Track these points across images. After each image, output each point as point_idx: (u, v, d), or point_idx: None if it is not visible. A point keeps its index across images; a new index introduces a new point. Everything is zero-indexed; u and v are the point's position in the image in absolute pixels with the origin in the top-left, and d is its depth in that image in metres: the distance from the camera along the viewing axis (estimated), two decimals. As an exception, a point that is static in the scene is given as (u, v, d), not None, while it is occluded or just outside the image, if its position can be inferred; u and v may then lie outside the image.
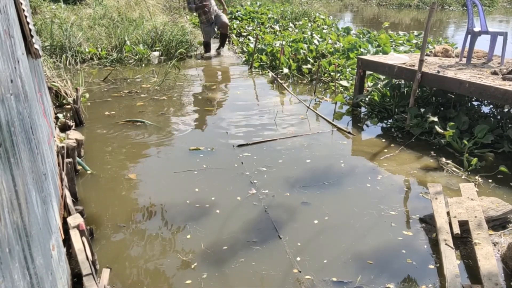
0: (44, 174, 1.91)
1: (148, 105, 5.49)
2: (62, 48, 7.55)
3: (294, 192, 3.37)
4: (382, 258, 2.61)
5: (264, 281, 2.38)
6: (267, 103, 5.69)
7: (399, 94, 5.27)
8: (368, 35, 9.35)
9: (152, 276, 2.43)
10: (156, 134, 4.56)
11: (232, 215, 3.04)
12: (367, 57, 5.70)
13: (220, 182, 3.51)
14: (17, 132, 1.37)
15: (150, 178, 3.59)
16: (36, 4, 10.83)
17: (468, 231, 2.73)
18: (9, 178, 1.16)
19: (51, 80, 5.37)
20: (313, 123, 4.96)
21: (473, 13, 5.12)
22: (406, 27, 13.96)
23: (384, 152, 4.15)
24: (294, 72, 7.14)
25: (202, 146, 4.18)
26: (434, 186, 3.16)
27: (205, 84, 6.63)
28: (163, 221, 2.95)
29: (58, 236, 2.03)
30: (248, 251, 2.64)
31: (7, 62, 1.39)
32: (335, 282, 2.38)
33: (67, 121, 4.35)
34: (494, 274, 2.29)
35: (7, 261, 1.01)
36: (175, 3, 13.45)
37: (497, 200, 3.02)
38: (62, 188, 2.84)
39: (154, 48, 8.40)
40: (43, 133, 2.38)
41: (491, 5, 22.28)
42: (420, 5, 22.03)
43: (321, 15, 13.48)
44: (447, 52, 5.64)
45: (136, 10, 10.14)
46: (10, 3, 1.92)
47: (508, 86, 3.91)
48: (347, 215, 3.08)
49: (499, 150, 4.06)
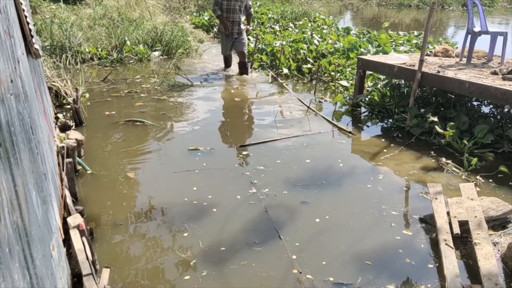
0: (44, 174, 1.91)
1: (148, 105, 5.49)
2: (62, 48, 7.55)
3: (294, 192, 3.37)
4: (382, 258, 2.61)
5: (264, 281, 2.38)
6: (267, 103, 5.68)
7: (399, 94, 5.27)
8: (368, 35, 9.36)
9: (152, 276, 2.43)
10: (156, 134, 4.56)
11: (232, 215, 3.03)
12: (367, 57, 5.71)
13: (220, 182, 3.51)
14: (17, 132, 1.37)
15: (150, 178, 3.59)
16: (36, 4, 10.83)
17: (468, 231, 2.73)
18: (9, 178, 1.16)
19: (51, 80, 5.37)
20: (313, 123, 4.96)
21: (473, 13, 5.12)
22: (406, 27, 13.96)
23: (384, 152, 4.15)
24: (294, 72, 7.15)
25: (202, 146, 4.18)
26: (434, 186, 3.16)
27: (204, 84, 6.62)
28: (163, 221, 2.95)
29: (58, 236, 2.03)
30: (248, 251, 2.63)
31: (7, 62, 1.39)
32: (335, 283, 2.38)
33: (67, 121, 4.34)
34: (494, 274, 2.29)
35: (7, 261, 1.01)
36: (175, 3, 13.45)
37: (497, 200, 3.02)
38: (62, 188, 2.84)
39: (155, 48, 8.40)
40: (43, 133, 2.38)
41: (491, 5, 22.28)
42: (420, 5, 22.04)
43: (321, 15, 13.49)
44: (447, 52, 5.64)
45: (136, 10, 10.14)
46: (10, 3, 1.92)
47: (508, 86, 3.91)
48: (347, 215, 3.08)
49: (499, 150, 4.06)
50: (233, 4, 6.62)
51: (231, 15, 6.70)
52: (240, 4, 6.67)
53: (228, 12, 6.67)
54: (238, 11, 6.70)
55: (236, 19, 6.72)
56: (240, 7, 6.68)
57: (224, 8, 6.67)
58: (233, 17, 6.70)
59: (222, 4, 6.66)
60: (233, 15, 6.70)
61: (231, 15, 6.70)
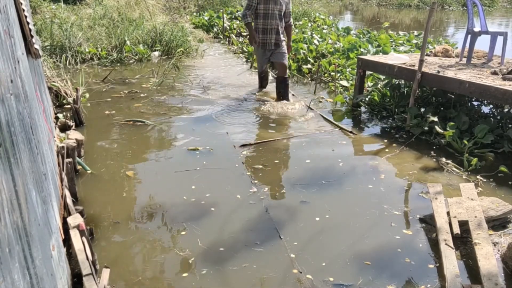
0: (44, 174, 1.91)
1: (148, 105, 5.49)
2: (62, 48, 7.55)
3: (294, 192, 3.37)
4: (381, 258, 2.61)
5: (264, 281, 2.38)
6: (267, 103, 5.68)
7: (399, 94, 5.27)
8: (368, 35, 9.36)
9: (152, 275, 2.43)
10: (156, 134, 4.56)
11: (232, 214, 3.03)
12: (367, 57, 5.71)
13: (220, 181, 3.51)
14: (17, 132, 1.37)
15: (150, 178, 3.58)
16: (36, 4, 10.83)
17: (468, 231, 2.73)
18: (9, 178, 1.16)
19: (51, 80, 5.37)
20: (314, 123, 4.96)
21: (473, 13, 5.12)
22: (406, 27, 13.97)
23: (384, 152, 4.15)
24: (294, 72, 7.14)
25: (201, 146, 4.18)
26: (434, 186, 3.16)
27: (205, 85, 6.62)
28: (163, 221, 2.95)
29: (58, 236, 2.03)
30: (249, 251, 2.63)
31: (7, 62, 1.39)
32: (336, 284, 2.38)
33: (67, 121, 4.34)
34: (494, 274, 2.29)
35: (7, 261, 1.01)
36: (175, 3, 13.46)
37: (497, 200, 3.02)
38: (62, 188, 2.84)
39: (154, 48, 8.40)
40: (43, 133, 2.38)
41: (491, 5, 22.29)
42: (420, 5, 22.04)
43: (321, 15, 13.48)
44: (447, 52, 5.64)
45: (136, 10, 10.14)
46: (10, 3, 1.92)
47: (508, 86, 3.91)
48: (348, 215, 3.08)
49: (499, 150, 4.06)
50: (271, 8, 5.44)
51: (269, 22, 5.49)
52: (280, 9, 5.49)
53: (266, 18, 5.47)
54: (277, 17, 5.50)
55: (274, 27, 5.51)
56: (280, 12, 5.51)
57: (261, 13, 5.47)
58: (271, 24, 5.49)
59: (258, 8, 5.47)
60: (271, 22, 5.48)
61: (268, 22, 5.49)
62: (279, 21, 5.54)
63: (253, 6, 5.47)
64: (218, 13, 12.32)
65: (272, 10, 5.44)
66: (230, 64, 8.20)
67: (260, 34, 5.57)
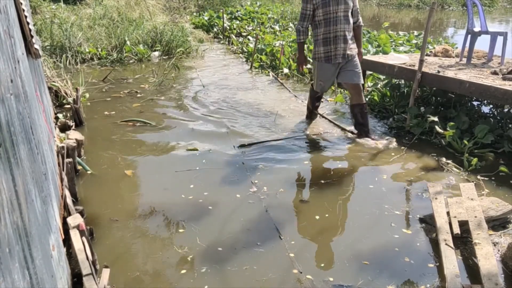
0: (44, 174, 1.91)
1: (148, 105, 5.49)
2: (62, 48, 7.56)
3: (294, 192, 3.37)
4: (382, 258, 2.61)
5: (264, 281, 2.38)
6: (268, 104, 5.68)
7: (399, 94, 5.27)
8: (368, 35, 9.35)
9: (152, 275, 2.42)
10: (155, 134, 4.56)
11: (232, 214, 3.03)
12: (367, 57, 5.70)
13: (220, 181, 3.51)
14: (17, 132, 1.37)
15: (150, 178, 3.59)
16: (36, 4, 10.83)
17: (468, 231, 2.73)
18: (9, 178, 1.16)
19: (51, 80, 5.37)
20: (314, 123, 4.96)
21: (473, 13, 5.12)
22: (406, 27, 13.97)
23: (384, 152, 4.14)
24: (294, 72, 7.15)
25: (201, 147, 4.18)
26: (434, 186, 3.16)
27: (204, 84, 6.62)
28: (163, 221, 2.95)
29: (58, 236, 2.03)
30: (249, 251, 2.63)
31: (7, 62, 1.39)
32: (336, 284, 2.38)
33: (67, 121, 4.34)
34: (494, 274, 2.29)
35: (7, 261, 1.01)
36: (175, 3, 13.46)
37: (497, 200, 3.02)
38: (62, 188, 2.84)
39: (154, 48, 8.40)
40: (43, 133, 2.38)
41: (491, 5, 22.28)
42: (420, 5, 22.03)
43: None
44: (447, 52, 5.64)
45: (136, 10, 10.15)
46: (10, 3, 1.92)
47: (508, 86, 3.91)
48: (348, 214, 3.08)
49: (499, 150, 4.06)
50: (333, 10, 4.05)
51: (332, 28, 4.11)
52: (346, 8, 4.08)
53: (328, 24, 4.10)
54: (343, 21, 4.09)
55: (340, 33, 4.12)
56: (346, 13, 4.10)
57: (321, 20, 4.12)
58: (336, 30, 4.11)
59: (316, 15, 4.13)
60: (336, 28, 4.10)
61: (331, 29, 4.11)
62: (347, 24, 4.12)
63: (308, 14, 4.16)
64: (218, 13, 12.32)
65: (335, 12, 4.05)
66: (230, 64, 8.20)
67: (321, 46, 4.22)
